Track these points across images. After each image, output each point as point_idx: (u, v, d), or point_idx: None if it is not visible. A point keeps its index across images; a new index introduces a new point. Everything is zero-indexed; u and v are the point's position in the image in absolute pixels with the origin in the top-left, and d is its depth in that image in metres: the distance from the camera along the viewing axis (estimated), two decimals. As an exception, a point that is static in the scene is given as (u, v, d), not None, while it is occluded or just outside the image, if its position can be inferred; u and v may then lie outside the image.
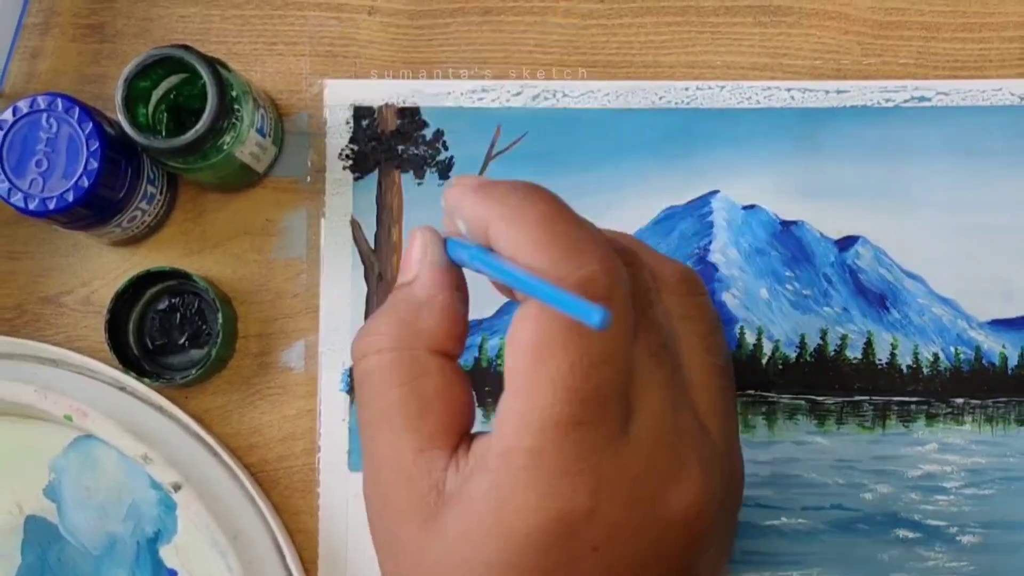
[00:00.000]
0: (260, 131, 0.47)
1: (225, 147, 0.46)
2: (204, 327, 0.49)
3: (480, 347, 0.49)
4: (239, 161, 0.47)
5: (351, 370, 0.49)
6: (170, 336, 0.49)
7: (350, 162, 0.50)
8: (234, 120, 0.46)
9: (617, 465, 0.33)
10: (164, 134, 0.47)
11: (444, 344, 0.36)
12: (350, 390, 0.49)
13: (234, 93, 0.46)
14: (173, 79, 0.47)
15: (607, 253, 0.34)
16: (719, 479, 0.36)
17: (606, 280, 0.33)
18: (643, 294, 0.36)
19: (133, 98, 0.45)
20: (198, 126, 0.45)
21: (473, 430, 0.36)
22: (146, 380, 0.48)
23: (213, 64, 0.45)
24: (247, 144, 0.47)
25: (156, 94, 0.47)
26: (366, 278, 0.49)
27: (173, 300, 0.49)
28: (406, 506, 0.35)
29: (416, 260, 0.37)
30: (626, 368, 0.34)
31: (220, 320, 0.48)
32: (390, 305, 0.37)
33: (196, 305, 0.49)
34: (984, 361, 0.49)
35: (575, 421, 0.33)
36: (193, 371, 0.48)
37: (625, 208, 0.49)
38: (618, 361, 0.33)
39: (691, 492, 0.35)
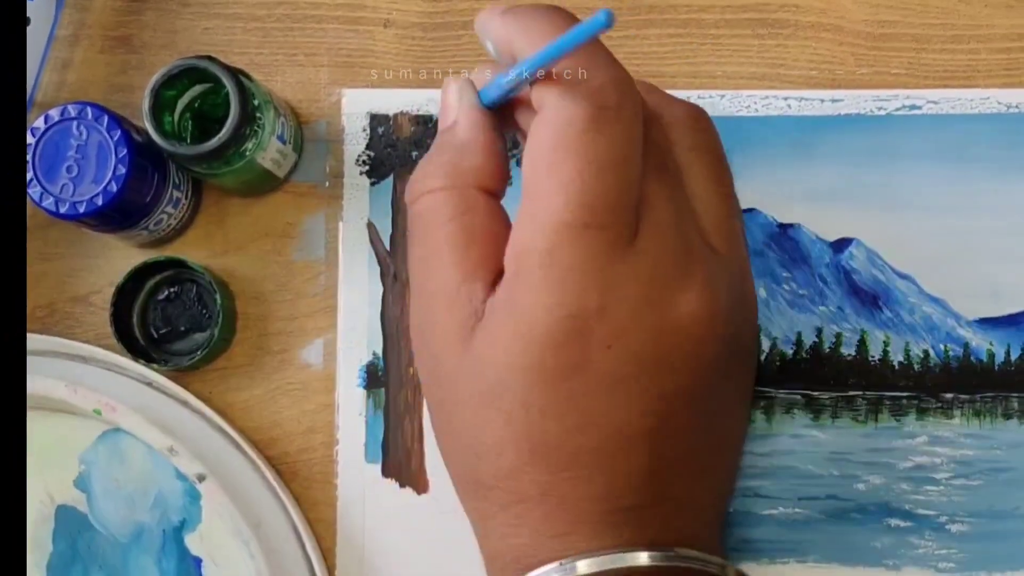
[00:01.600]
0: (281, 138, 0.49)
1: (247, 153, 0.47)
2: (205, 311, 0.51)
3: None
4: (261, 167, 0.49)
5: (368, 366, 0.51)
6: (173, 324, 0.51)
7: (367, 168, 0.52)
8: (256, 128, 0.47)
9: (625, 269, 0.35)
10: (189, 141, 0.49)
11: (489, 181, 0.38)
12: (367, 385, 0.51)
13: (256, 102, 0.47)
14: (197, 88, 0.48)
15: (618, 69, 0.36)
16: (726, 293, 0.37)
17: (616, 90, 0.35)
18: (645, 120, 0.37)
19: (159, 106, 0.47)
20: (221, 134, 0.46)
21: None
22: (154, 366, 0.50)
23: (236, 74, 0.46)
24: (268, 151, 0.48)
25: (181, 103, 0.48)
26: (382, 278, 0.51)
27: (172, 289, 0.51)
28: (449, 331, 0.37)
29: (453, 105, 0.39)
30: (635, 178, 0.35)
31: (219, 300, 0.49)
32: (436, 149, 0.39)
33: (195, 291, 0.51)
34: (972, 358, 0.50)
35: (584, 223, 0.34)
36: (199, 352, 0.49)
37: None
38: (627, 168, 0.35)
39: (697, 299, 0.36)
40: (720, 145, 0.41)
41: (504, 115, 0.39)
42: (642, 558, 0.36)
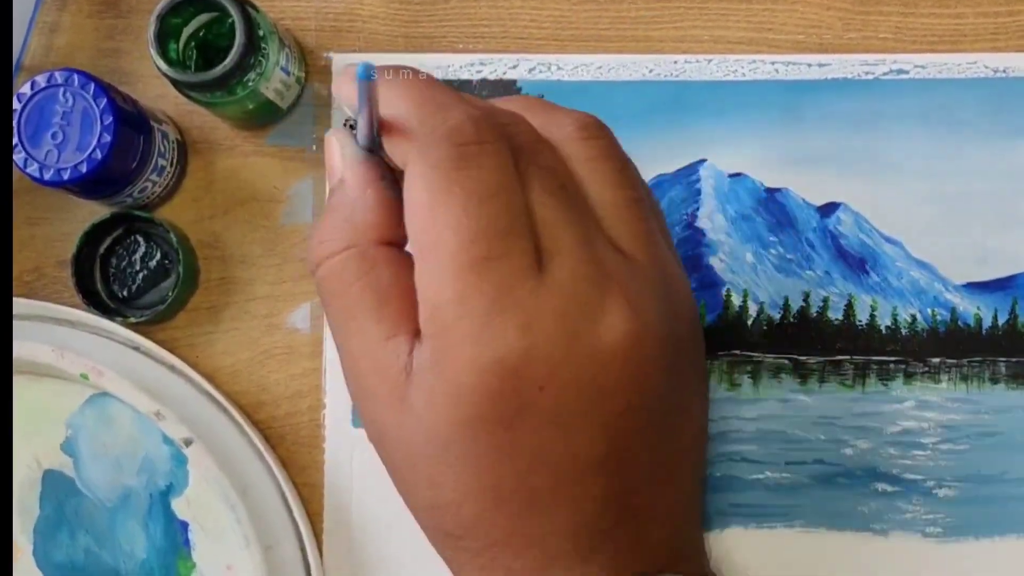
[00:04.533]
0: (285, 70, 0.49)
1: (251, 83, 0.47)
2: (164, 259, 0.51)
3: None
4: (264, 97, 0.49)
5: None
6: (136, 280, 0.51)
7: (354, 132, 0.52)
8: (260, 57, 0.47)
9: (539, 302, 0.34)
10: (193, 71, 0.48)
11: (387, 234, 0.37)
12: (353, 350, 0.51)
13: (261, 32, 0.47)
14: (203, 17, 0.48)
15: (468, 107, 0.36)
16: (652, 302, 0.36)
17: (473, 126, 0.35)
18: (529, 145, 0.37)
19: (165, 34, 0.47)
20: (226, 62, 0.46)
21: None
22: (131, 319, 0.50)
23: (242, 3, 0.46)
24: (272, 81, 0.48)
25: (186, 32, 0.48)
26: (369, 243, 0.51)
27: (124, 246, 0.51)
28: (383, 393, 0.36)
29: (337, 162, 0.39)
30: (519, 205, 0.35)
31: (174, 239, 0.49)
32: (329, 210, 0.38)
33: (148, 240, 0.51)
34: (959, 322, 0.50)
35: (482, 257, 0.34)
36: (171, 293, 0.49)
37: (617, 176, 0.51)
38: (508, 195, 0.35)
39: (620, 319, 0.35)
40: (618, 148, 0.40)
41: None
42: None
